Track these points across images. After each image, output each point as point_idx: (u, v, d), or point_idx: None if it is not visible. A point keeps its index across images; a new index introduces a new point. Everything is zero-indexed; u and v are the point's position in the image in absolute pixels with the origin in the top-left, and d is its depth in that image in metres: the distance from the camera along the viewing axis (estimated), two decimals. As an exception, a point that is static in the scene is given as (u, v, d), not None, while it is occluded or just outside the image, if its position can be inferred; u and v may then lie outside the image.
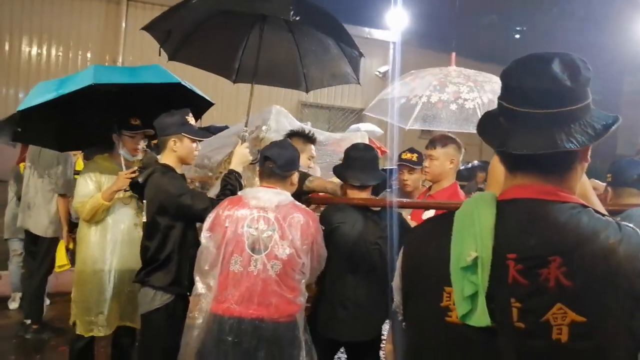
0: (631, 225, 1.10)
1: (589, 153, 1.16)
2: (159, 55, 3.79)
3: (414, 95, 4.38)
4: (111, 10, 11.15)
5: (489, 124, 1.21)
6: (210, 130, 5.22)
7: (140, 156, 3.85)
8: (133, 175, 3.46)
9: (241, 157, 3.30)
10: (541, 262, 1.04)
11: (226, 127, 5.34)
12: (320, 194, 3.39)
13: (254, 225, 2.69)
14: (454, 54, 4.73)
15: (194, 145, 3.28)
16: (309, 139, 3.73)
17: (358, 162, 3.14)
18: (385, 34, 12.22)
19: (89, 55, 11.05)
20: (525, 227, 1.08)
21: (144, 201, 3.20)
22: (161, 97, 3.74)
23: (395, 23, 11.21)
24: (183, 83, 3.64)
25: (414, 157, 4.15)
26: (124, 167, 3.66)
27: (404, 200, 3.58)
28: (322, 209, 3.37)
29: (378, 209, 3.13)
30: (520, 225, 1.09)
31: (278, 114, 4.09)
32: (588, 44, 15.09)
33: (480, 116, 4.17)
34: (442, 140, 3.64)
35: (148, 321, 3.16)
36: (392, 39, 11.95)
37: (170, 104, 3.64)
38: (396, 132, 8.51)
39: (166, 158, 3.27)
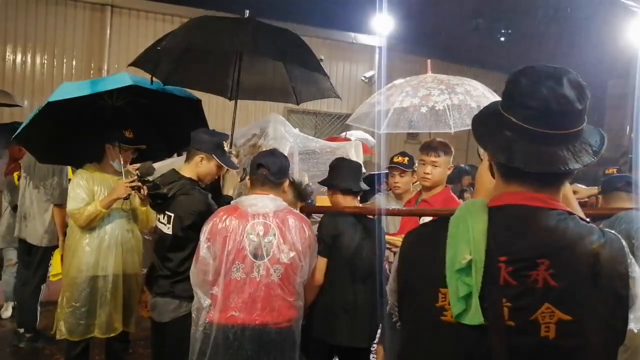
0: (613, 231, 1.18)
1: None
2: (151, 83, 3.82)
3: (389, 102, 4.63)
4: (95, 17, 11.10)
5: (490, 134, 1.26)
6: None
7: (126, 167, 3.86)
8: (133, 184, 3.48)
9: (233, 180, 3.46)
10: (530, 265, 1.11)
11: (225, 135, 5.39)
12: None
13: (255, 232, 2.72)
14: (429, 61, 4.99)
15: (216, 169, 3.34)
16: (301, 196, 3.60)
17: (345, 170, 3.22)
18: (370, 39, 12.28)
19: (74, 62, 10.99)
20: (516, 232, 1.16)
21: (170, 214, 3.23)
22: (158, 115, 3.88)
23: (381, 28, 11.26)
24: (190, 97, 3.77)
25: (405, 160, 4.28)
26: (123, 177, 3.67)
27: (402, 208, 3.64)
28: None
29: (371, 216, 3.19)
30: (511, 230, 1.16)
31: (276, 122, 4.17)
32: (572, 47, 15.28)
33: (450, 116, 4.31)
34: (444, 147, 3.71)
35: (176, 326, 3.17)
36: (377, 44, 12.00)
37: (166, 124, 3.75)
38: (383, 138, 8.59)
39: (189, 171, 3.33)
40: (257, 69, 4.03)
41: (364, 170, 3.53)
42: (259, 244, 2.70)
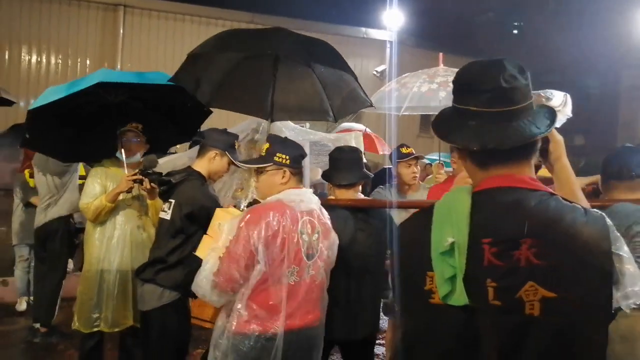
0: (597, 210, 1.21)
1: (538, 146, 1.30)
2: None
3: (406, 88, 4.68)
4: (108, 17, 11.23)
5: (455, 129, 1.30)
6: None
7: (137, 158, 3.91)
8: (135, 177, 3.53)
9: None
10: (513, 245, 1.14)
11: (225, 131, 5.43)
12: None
13: (305, 231, 2.58)
14: (441, 55, 5.11)
15: (227, 168, 3.39)
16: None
17: (342, 162, 3.22)
18: (382, 34, 12.30)
19: (87, 62, 11.13)
20: (499, 214, 1.19)
21: (171, 200, 3.21)
22: (161, 106, 3.89)
23: (392, 23, 11.27)
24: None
25: (411, 150, 4.34)
26: (125, 170, 3.74)
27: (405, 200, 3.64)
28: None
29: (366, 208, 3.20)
30: (494, 212, 1.20)
31: None
32: (585, 39, 15.15)
33: None
34: None
35: (156, 317, 3.19)
36: (388, 39, 12.01)
37: (171, 114, 3.74)
38: (394, 132, 8.59)
39: (200, 166, 3.36)
40: (294, 87, 4.01)
41: (365, 160, 3.53)
42: (310, 242, 2.57)
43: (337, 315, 2.94)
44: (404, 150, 4.35)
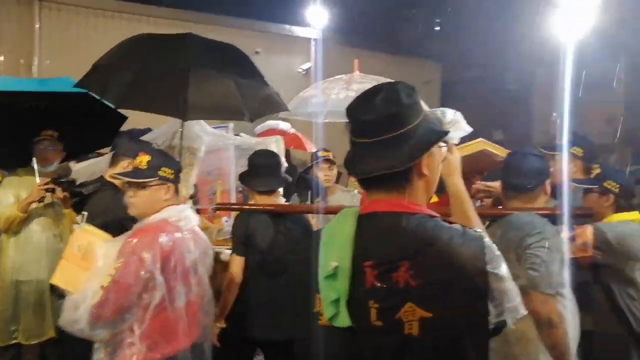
0: (477, 230, 1.28)
1: (424, 170, 1.30)
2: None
3: (324, 94, 4.78)
4: (23, 12, 10.73)
5: (346, 156, 1.37)
6: (133, 134, 5.21)
7: (54, 166, 3.84)
8: (47, 186, 3.47)
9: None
10: (393, 267, 1.19)
11: (149, 130, 5.33)
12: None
13: (192, 249, 2.49)
14: (356, 61, 5.20)
15: None
16: None
17: (262, 168, 3.25)
18: (306, 31, 12.36)
19: (1, 58, 10.60)
20: (378, 237, 1.25)
21: (84, 213, 3.13)
22: (72, 111, 3.81)
23: (316, 20, 11.36)
24: (93, 95, 3.69)
25: (330, 154, 4.43)
26: (37, 179, 3.66)
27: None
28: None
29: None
30: (375, 235, 1.26)
31: (190, 121, 4.11)
32: (503, 37, 15.78)
33: None
34: None
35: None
36: (313, 36, 12.10)
37: (83, 119, 3.68)
38: (321, 136, 8.72)
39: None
40: (208, 87, 3.97)
41: (285, 164, 3.59)
42: (194, 261, 2.49)
43: (256, 316, 3.02)
44: (321, 153, 4.45)
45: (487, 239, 1.24)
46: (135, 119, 4.26)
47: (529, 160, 2.32)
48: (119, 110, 3.94)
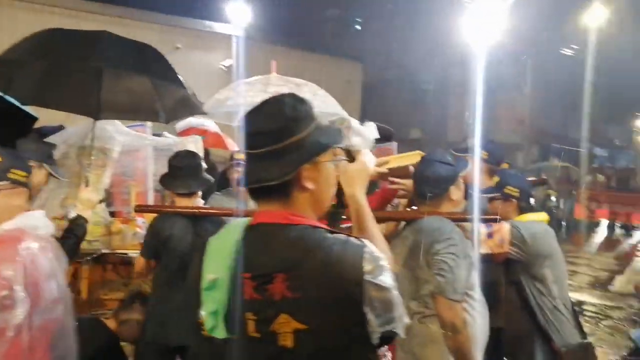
0: (363, 240, 1.26)
1: (306, 183, 1.28)
2: None
3: (241, 97, 4.73)
4: None
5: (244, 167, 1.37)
6: (43, 132, 4.97)
7: None
8: None
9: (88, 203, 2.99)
10: (269, 279, 1.21)
11: (61, 128, 5.10)
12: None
13: (51, 260, 2.19)
14: (274, 62, 5.14)
15: (45, 180, 3.16)
16: None
17: (182, 170, 3.20)
18: (228, 28, 12.26)
19: None
20: (258, 249, 1.26)
21: None
22: None
23: (238, 17, 11.29)
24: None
25: (242, 157, 4.36)
26: None
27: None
28: None
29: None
30: (255, 247, 1.26)
31: (102, 121, 3.97)
32: (421, 38, 16.32)
33: None
34: None
35: None
36: (235, 33, 12.02)
37: None
38: (237, 135, 8.69)
39: None
40: (123, 86, 3.80)
41: (204, 165, 3.54)
42: (53, 271, 2.18)
43: (174, 322, 2.98)
44: (236, 155, 4.37)
45: (369, 248, 1.21)
46: (54, 117, 4.04)
47: (433, 169, 2.31)
48: (27, 107, 3.74)
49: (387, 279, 1.19)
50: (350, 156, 1.52)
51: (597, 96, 16.20)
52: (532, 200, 3.02)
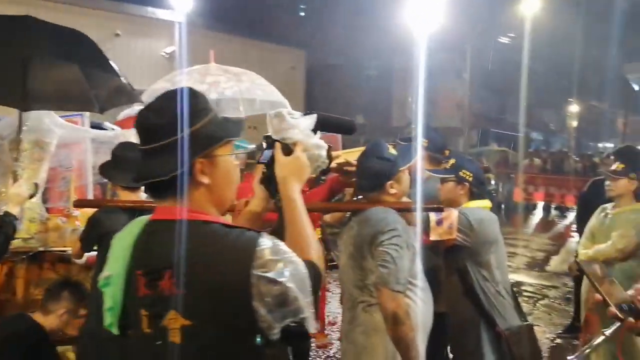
0: (262, 234, 1.22)
1: (201, 178, 1.26)
2: None
3: (177, 87, 4.68)
4: None
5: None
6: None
7: None
8: None
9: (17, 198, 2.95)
10: (159, 275, 1.20)
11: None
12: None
13: None
14: (212, 52, 5.08)
15: None
16: None
17: (129, 162, 3.03)
18: (170, 14, 11.99)
19: None
20: (150, 246, 1.25)
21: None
22: None
23: (180, 3, 11.05)
24: None
25: None
26: None
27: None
28: None
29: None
30: (147, 244, 1.25)
31: (38, 112, 3.80)
32: (364, 25, 16.43)
33: (240, 101, 4.45)
34: None
35: None
36: (177, 19, 11.77)
37: None
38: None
39: None
40: (51, 75, 3.58)
41: None
42: None
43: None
44: None
45: (265, 242, 1.18)
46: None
47: (370, 164, 2.29)
48: None
49: (281, 272, 1.15)
50: (288, 149, 1.46)
51: (533, 82, 16.79)
52: (484, 188, 3.08)
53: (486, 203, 2.92)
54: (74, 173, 4.21)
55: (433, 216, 2.55)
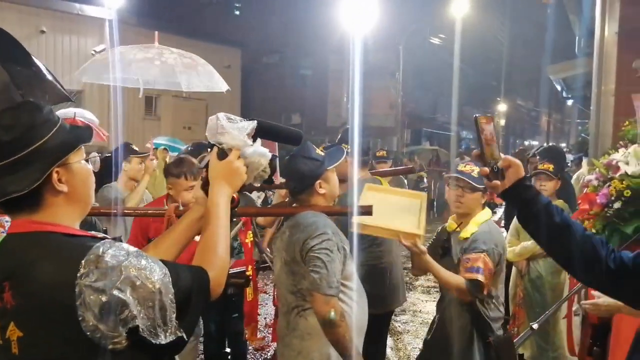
0: (103, 242, 1.23)
1: (59, 187, 1.27)
2: None
3: (122, 57, 4.81)
4: None
5: None
6: None
7: None
8: None
9: None
10: (2, 287, 1.21)
11: None
12: None
13: None
14: (157, 33, 5.23)
15: None
16: None
17: None
18: (99, 11, 11.66)
19: None
20: None
21: None
22: None
23: (110, 0, 10.77)
24: None
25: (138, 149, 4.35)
26: None
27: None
28: None
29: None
30: None
31: None
32: (300, 24, 16.51)
33: (181, 74, 4.56)
34: None
35: None
36: (107, 17, 11.47)
37: None
38: (120, 119, 8.39)
39: None
40: None
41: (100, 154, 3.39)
42: None
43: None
44: (134, 146, 4.28)
45: (95, 250, 1.18)
46: None
47: (296, 165, 2.29)
48: None
49: (111, 281, 1.15)
50: (223, 153, 1.46)
51: (463, 82, 17.37)
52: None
53: (489, 214, 2.88)
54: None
55: (467, 275, 2.48)
